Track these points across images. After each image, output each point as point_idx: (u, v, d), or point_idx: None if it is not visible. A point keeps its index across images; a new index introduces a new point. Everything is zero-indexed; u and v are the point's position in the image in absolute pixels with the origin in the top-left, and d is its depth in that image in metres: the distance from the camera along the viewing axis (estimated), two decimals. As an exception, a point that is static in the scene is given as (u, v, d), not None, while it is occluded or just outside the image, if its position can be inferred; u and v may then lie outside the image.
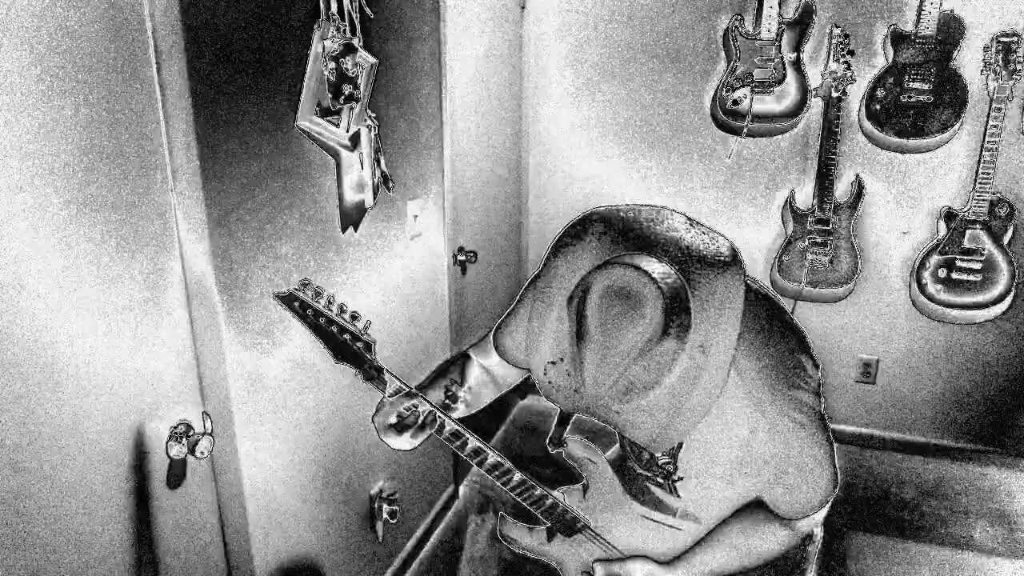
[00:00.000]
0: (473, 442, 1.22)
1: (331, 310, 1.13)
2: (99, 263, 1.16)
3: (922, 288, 2.77)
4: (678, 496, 1.28)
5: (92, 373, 1.17)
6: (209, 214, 1.33)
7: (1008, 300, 2.68)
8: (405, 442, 1.22)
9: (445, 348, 2.46)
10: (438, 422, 1.19)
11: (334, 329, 1.13)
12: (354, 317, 1.16)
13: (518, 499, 1.29)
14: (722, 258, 1.05)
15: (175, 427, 1.34)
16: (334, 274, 1.76)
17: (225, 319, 1.40)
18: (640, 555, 1.28)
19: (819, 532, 1.33)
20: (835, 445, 1.16)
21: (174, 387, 1.36)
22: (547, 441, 1.34)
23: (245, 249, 1.44)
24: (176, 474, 1.36)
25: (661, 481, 1.29)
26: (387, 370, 1.17)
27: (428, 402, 1.19)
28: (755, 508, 1.21)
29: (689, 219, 1.10)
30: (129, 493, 1.27)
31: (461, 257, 2.56)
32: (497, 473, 1.24)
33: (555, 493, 1.32)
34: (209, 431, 1.37)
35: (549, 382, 1.13)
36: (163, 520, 1.35)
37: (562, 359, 1.10)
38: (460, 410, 1.36)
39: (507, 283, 3.22)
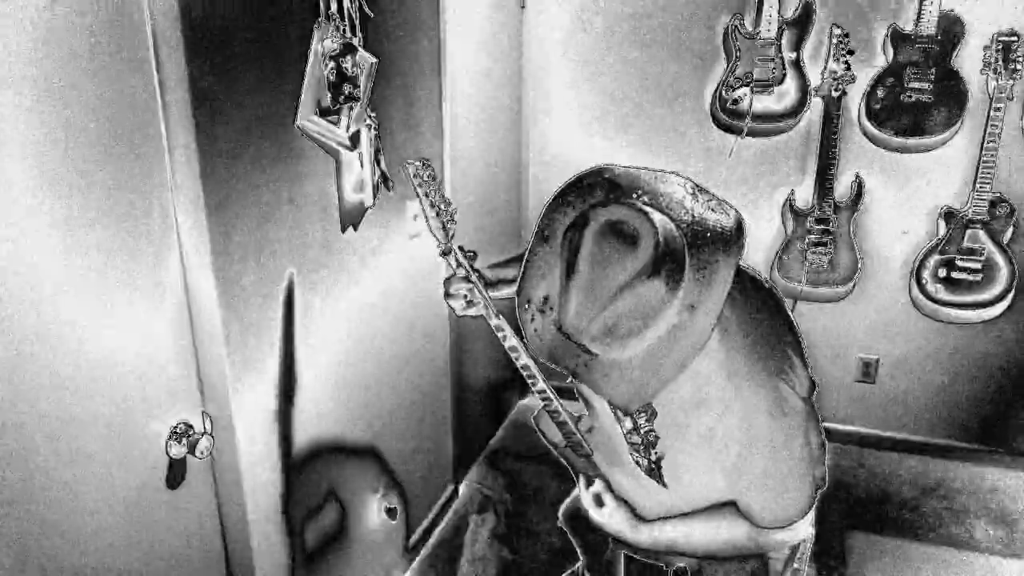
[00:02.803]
0: (511, 339, 1.34)
1: (438, 193, 1.37)
2: (99, 263, 1.16)
3: (922, 288, 2.77)
4: (664, 486, 1.29)
5: (91, 373, 1.17)
6: (209, 214, 1.33)
7: (1008, 300, 2.67)
8: (458, 309, 1.42)
9: (445, 348, 2.46)
10: (484, 310, 1.38)
11: (436, 209, 1.37)
12: (449, 203, 1.38)
13: (541, 401, 1.42)
14: (726, 230, 1.04)
15: (175, 427, 1.34)
16: (334, 274, 1.76)
17: (225, 319, 1.40)
18: (627, 504, 1.34)
19: (811, 531, 1.32)
20: (825, 456, 1.14)
21: (174, 387, 1.36)
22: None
23: (245, 249, 1.44)
24: (176, 474, 1.36)
25: (645, 463, 1.30)
26: (456, 252, 1.40)
27: (481, 294, 1.38)
28: (728, 505, 1.21)
29: (696, 185, 1.09)
30: (129, 493, 1.27)
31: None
32: (525, 374, 1.37)
33: (567, 412, 1.41)
34: (209, 431, 1.37)
35: (535, 330, 1.12)
36: (163, 520, 1.35)
37: (548, 304, 1.10)
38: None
39: (507, 283, 3.22)
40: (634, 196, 1.06)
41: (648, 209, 1.00)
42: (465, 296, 1.38)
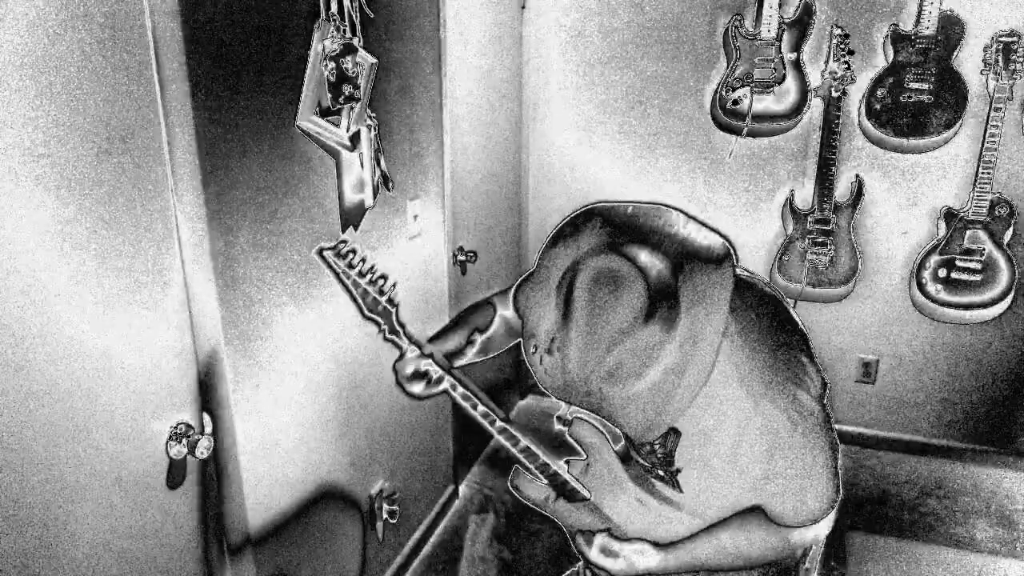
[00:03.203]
0: (482, 406, 1.31)
1: (362, 270, 1.26)
2: (99, 263, 1.16)
3: (922, 288, 2.77)
4: (680, 491, 1.29)
5: (91, 373, 1.17)
6: (209, 214, 1.33)
7: (1008, 300, 2.68)
8: (420, 391, 1.34)
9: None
10: (448, 384, 1.31)
11: (361, 289, 1.27)
12: (383, 278, 1.28)
13: (525, 462, 1.37)
14: (714, 255, 1.06)
15: (175, 427, 1.34)
16: (334, 274, 1.76)
17: (225, 319, 1.40)
18: (638, 538, 1.30)
19: (826, 531, 1.32)
20: (840, 450, 1.15)
21: (174, 387, 1.36)
22: (555, 416, 1.39)
23: (245, 249, 1.44)
24: (176, 474, 1.36)
25: (662, 474, 1.30)
26: (406, 331, 1.31)
27: (441, 365, 1.31)
28: (754, 511, 1.21)
29: (687, 215, 1.12)
30: (129, 493, 1.27)
31: (461, 257, 2.56)
32: (504, 436, 1.33)
33: (558, 463, 1.37)
34: (209, 431, 1.37)
35: (544, 371, 1.14)
36: (163, 520, 1.35)
37: (555, 345, 1.11)
38: (471, 354, 1.45)
39: (507, 283, 3.21)
40: (624, 235, 1.08)
41: (636, 253, 1.02)
42: (426, 374, 1.31)
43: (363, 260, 1.26)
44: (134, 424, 1.26)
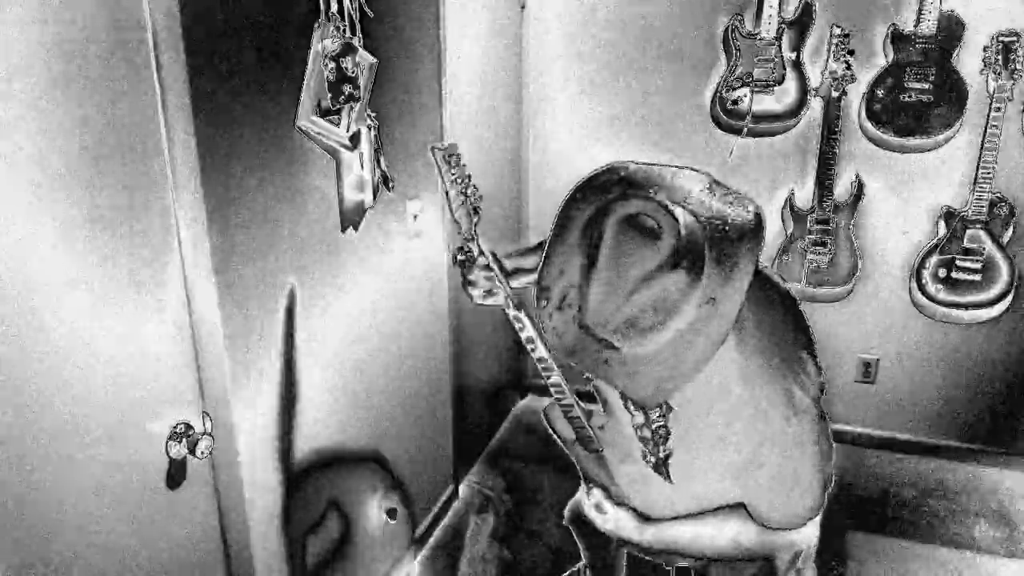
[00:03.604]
0: (528, 330, 1.33)
1: (465, 179, 1.35)
2: (99, 263, 1.16)
3: (922, 288, 2.77)
4: (671, 481, 1.29)
5: (92, 373, 1.17)
6: (209, 214, 1.33)
7: (1008, 300, 2.67)
8: (476, 297, 1.40)
9: (445, 348, 2.46)
10: (503, 299, 1.35)
11: (463, 192, 1.36)
12: (475, 187, 1.37)
13: (556, 396, 1.39)
14: (746, 223, 1.04)
15: (175, 427, 1.34)
16: (334, 274, 1.76)
17: (224, 319, 1.40)
18: (631, 507, 1.33)
19: (815, 534, 1.32)
20: (833, 456, 1.15)
21: (174, 387, 1.36)
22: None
23: (244, 248, 1.44)
24: (176, 474, 1.36)
25: (653, 460, 1.30)
26: (479, 241, 1.38)
27: (502, 283, 1.35)
28: (737, 507, 1.21)
29: (713, 179, 1.09)
30: (128, 493, 1.27)
31: (461, 257, 2.55)
32: (541, 367, 1.35)
33: (581, 407, 1.39)
34: (209, 431, 1.37)
35: (554, 327, 1.13)
36: (163, 520, 1.35)
37: (567, 301, 1.10)
38: (531, 278, 1.43)
39: (507, 283, 3.22)
40: (651, 192, 1.06)
41: (668, 203, 1.00)
42: (487, 284, 1.38)
43: (464, 167, 1.36)
44: (134, 424, 1.26)
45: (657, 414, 1.26)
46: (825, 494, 1.14)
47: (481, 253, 1.38)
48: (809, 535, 1.21)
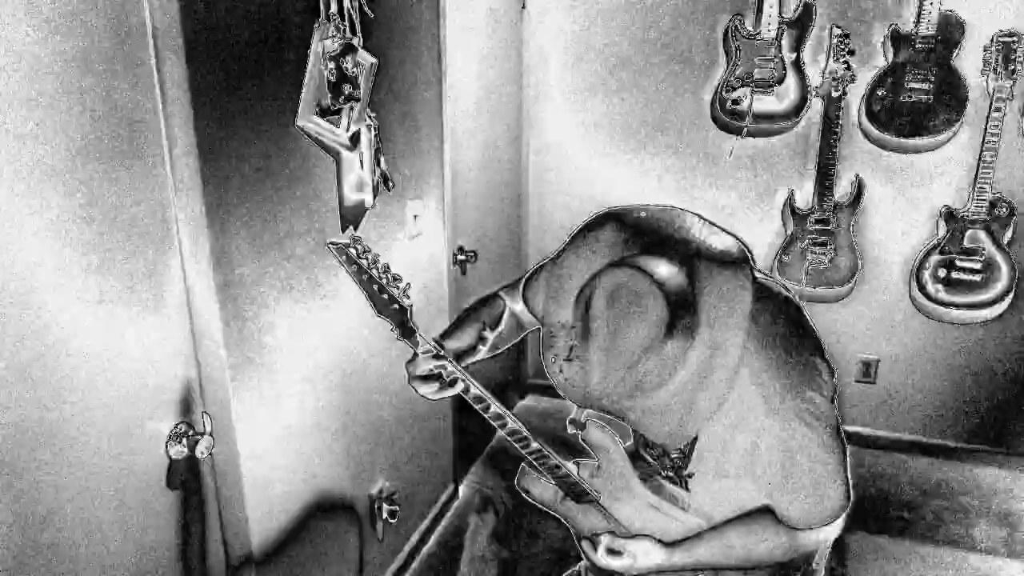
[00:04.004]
0: (495, 408, 1.25)
1: (377, 269, 1.19)
2: (98, 263, 1.16)
3: (922, 288, 2.77)
4: (688, 490, 1.29)
5: (91, 373, 1.17)
6: (209, 214, 1.33)
7: (1008, 300, 2.67)
8: (432, 393, 1.27)
9: (445, 348, 2.46)
10: (463, 385, 1.24)
11: (376, 287, 1.20)
12: (396, 279, 1.22)
13: (535, 464, 1.35)
14: (730, 257, 1.06)
15: (175, 427, 1.34)
16: (334, 273, 1.76)
17: (224, 319, 1.40)
18: (645, 535, 1.29)
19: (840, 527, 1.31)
20: (848, 459, 1.16)
21: (174, 387, 1.36)
22: (568, 420, 1.37)
23: (244, 249, 1.44)
24: (176, 474, 1.36)
25: (672, 475, 1.30)
26: (419, 332, 1.24)
27: (455, 367, 1.23)
28: (763, 511, 1.21)
29: (702, 219, 1.11)
30: (129, 493, 1.27)
31: (461, 257, 2.56)
32: (515, 439, 1.30)
33: (568, 464, 1.36)
34: (209, 431, 1.37)
35: (565, 379, 1.15)
36: (163, 520, 1.35)
37: (574, 355, 1.11)
38: (483, 352, 1.41)
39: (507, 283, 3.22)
40: (640, 242, 1.08)
41: (652, 266, 1.01)
42: (439, 375, 1.24)
43: (376, 258, 1.19)
44: (134, 424, 1.26)
45: (676, 452, 1.27)
46: (850, 490, 1.16)
47: (425, 342, 1.24)
48: (832, 533, 1.22)
